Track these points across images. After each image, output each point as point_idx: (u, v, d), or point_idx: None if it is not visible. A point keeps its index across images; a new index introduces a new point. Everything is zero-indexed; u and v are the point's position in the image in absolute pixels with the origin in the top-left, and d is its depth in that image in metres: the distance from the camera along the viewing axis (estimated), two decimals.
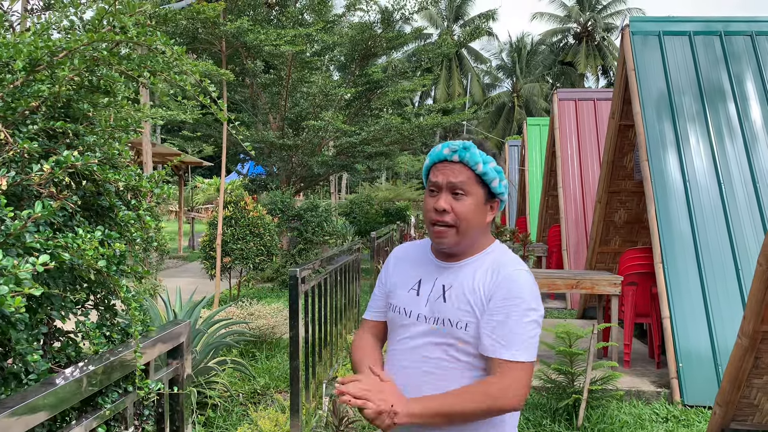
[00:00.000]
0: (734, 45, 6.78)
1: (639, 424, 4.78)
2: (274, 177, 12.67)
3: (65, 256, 1.37)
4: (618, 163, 7.78)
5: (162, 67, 1.64)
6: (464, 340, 1.65)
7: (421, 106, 14.76)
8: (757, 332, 3.87)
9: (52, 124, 1.55)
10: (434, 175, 1.70)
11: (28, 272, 1.18)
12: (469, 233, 1.69)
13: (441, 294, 1.70)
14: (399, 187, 28.47)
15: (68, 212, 1.64)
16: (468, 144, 1.68)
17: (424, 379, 1.67)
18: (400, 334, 1.75)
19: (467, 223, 1.68)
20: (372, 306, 1.94)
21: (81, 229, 1.47)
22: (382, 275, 1.91)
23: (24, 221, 1.29)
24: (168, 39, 1.61)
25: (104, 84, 1.68)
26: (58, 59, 1.54)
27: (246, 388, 5.07)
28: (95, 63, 1.62)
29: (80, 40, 1.53)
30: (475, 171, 1.67)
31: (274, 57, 10.54)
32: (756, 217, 5.81)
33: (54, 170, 1.42)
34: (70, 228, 1.67)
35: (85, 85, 1.66)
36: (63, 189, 1.56)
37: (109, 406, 1.75)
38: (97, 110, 1.72)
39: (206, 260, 8.94)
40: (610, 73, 49.02)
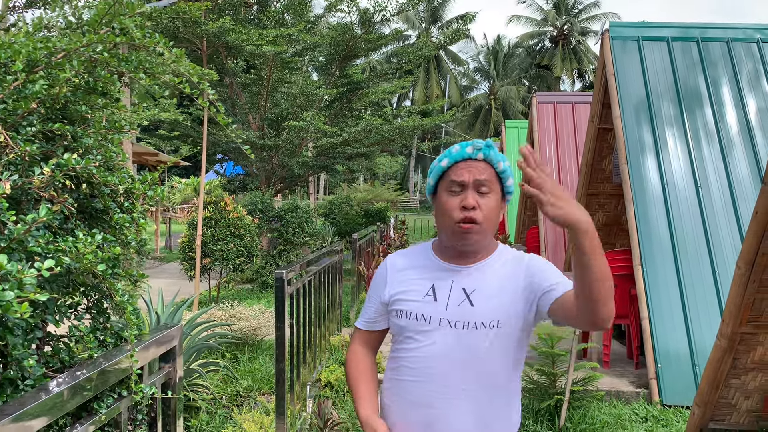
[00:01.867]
0: (711, 51, 6.91)
1: (619, 424, 4.85)
2: (254, 177, 12.60)
3: (66, 261, 1.35)
4: (597, 166, 7.88)
5: (161, 70, 1.63)
6: (496, 342, 1.69)
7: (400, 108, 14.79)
8: (736, 334, 3.95)
9: (51, 126, 1.53)
10: (458, 174, 1.69)
11: (33, 277, 1.17)
12: (490, 231, 1.73)
13: (465, 298, 1.72)
14: (377, 188, 28.50)
15: (63, 215, 1.62)
16: (489, 142, 1.71)
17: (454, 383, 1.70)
18: (422, 340, 1.74)
19: (491, 221, 1.71)
20: (365, 316, 1.93)
21: (80, 233, 1.45)
22: (379, 285, 1.89)
23: (28, 225, 1.27)
24: (167, 41, 1.60)
25: (101, 85, 1.66)
26: (56, 60, 1.52)
27: (229, 391, 5.04)
28: (93, 64, 1.60)
29: (79, 41, 1.51)
30: (497, 169, 1.71)
31: (255, 57, 10.48)
32: (732, 220, 5.93)
33: (55, 173, 1.40)
34: (65, 231, 1.65)
35: (82, 87, 1.64)
36: (60, 192, 1.54)
37: (104, 411, 1.73)
38: (94, 112, 1.70)
39: (185, 261, 8.85)
40: (585, 77, 49.62)
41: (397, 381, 1.80)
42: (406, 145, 14.50)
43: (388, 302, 1.84)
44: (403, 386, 1.78)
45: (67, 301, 1.85)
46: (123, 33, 1.54)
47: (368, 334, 1.94)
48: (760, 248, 3.65)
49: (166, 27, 8.69)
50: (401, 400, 1.77)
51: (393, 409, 1.79)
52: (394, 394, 1.80)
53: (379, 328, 1.91)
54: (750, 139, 6.34)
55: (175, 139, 13.75)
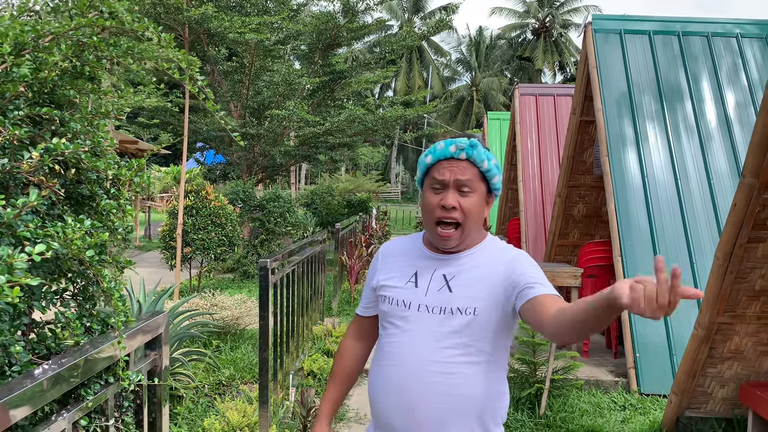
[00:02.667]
0: (691, 45, 6.99)
1: (598, 412, 4.93)
2: (235, 166, 12.51)
3: (55, 246, 1.34)
4: (578, 158, 7.95)
5: (150, 55, 1.61)
6: (474, 326, 1.70)
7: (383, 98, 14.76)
8: (713, 324, 4.03)
9: (38, 110, 1.51)
10: (440, 173, 1.71)
11: (24, 262, 1.16)
12: (471, 229, 1.75)
13: (444, 284, 1.74)
14: (359, 178, 28.47)
15: (50, 201, 1.60)
16: (474, 142, 1.72)
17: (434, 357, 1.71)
18: (401, 326, 1.77)
19: (471, 219, 1.73)
20: (363, 302, 2.00)
21: (69, 218, 1.44)
22: (372, 271, 1.95)
23: (19, 209, 1.26)
24: (156, 26, 1.59)
25: (89, 70, 1.64)
26: (44, 43, 1.50)
27: (211, 380, 5.03)
28: (81, 48, 1.58)
29: (68, 25, 1.49)
30: (480, 168, 1.72)
31: (238, 44, 10.39)
32: (710, 212, 6.03)
33: (44, 158, 1.39)
34: (51, 217, 1.63)
35: (69, 71, 1.61)
36: (49, 177, 1.52)
37: (91, 397, 1.73)
38: (81, 96, 1.68)
39: (166, 250, 8.78)
40: (566, 69, 49.87)
41: (380, 366, 1.83)
42: (389, 136, 14.48)
43: (376, 287, 1.88)
44: (386, 371, 1.80)
45: (53, 287, 1.84)
46: (112, 17, 1.53)
47: (364, 320, 2.00)
48: (737, 240, 3.73)
49: (148, 13, 8.57)
50: (384, 384, 1.79)
51: (377, 394, 1.82)
52: (378, 379, 1.83)
53: (373, 313, 1.96)
54: (728, 132, 6.44)
55: (155, 127, 13.59)
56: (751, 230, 3.69)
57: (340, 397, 1.98)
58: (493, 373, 1.75)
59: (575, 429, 4.59)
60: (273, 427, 3.93)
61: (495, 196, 1.79)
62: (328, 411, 1.96)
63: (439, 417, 1.70)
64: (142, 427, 2.09)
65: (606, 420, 4.75)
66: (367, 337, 2.00)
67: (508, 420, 4.68)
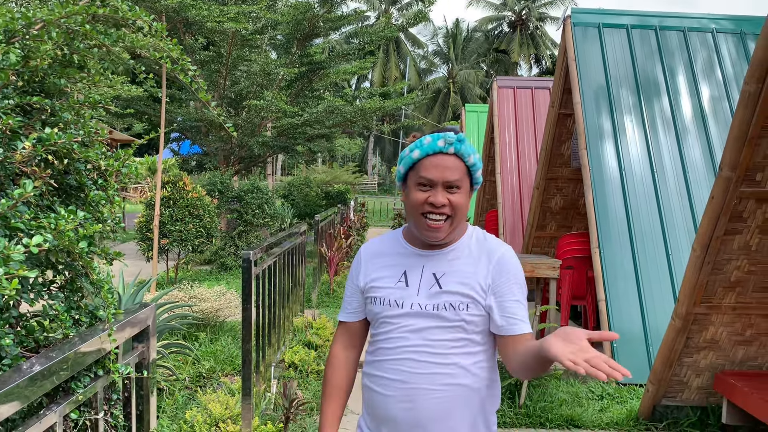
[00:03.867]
0: (668, 40, 7.08)
1: (576, 401, 5.00)
2: (212, 157, 12.39)
3: (48, 237, 1.32)
4: (556, 151, 8.02)
5: (141, 44, 1.59)
6: (467, 320, 1.73)
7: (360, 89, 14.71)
8: (690, 314, 4.11)
9: (29, 100, 1.48)
10: (428, 171, 1.71)
11: (20, 254, 1.14)
12: (458, 222, 1.77)
13: (435, 282, 1.77)
14: (336, 170, 28.39)
15: (39, 192, 1.57)
16: (461, 136, 1.72)
17: (426, 359, 1.74)
18: (394, 325, 1.77)
19: (461, 213, 1.75)
20: (346, 308, 1.95)
21: (62, 210, 1.41)
22: (353, 275, 1.92)
23: (15, 201, 1.23)
24: (149, 15, 1.56)
25: (79, 59, 1.61)
26: (34, 31, 1.47)
27: (191, 372, 5.00)
28: (71, 36, 1.55)
29: (59, 12, 1.46)
30: (467, 163, 1.74)
31: (215, 34, 10.27)
32: (685, 205, 6.14)
33: (36, 148, 1.36)
34: (40, 208, 1.60)
35: (59, 60, 1.58)
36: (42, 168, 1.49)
37: (81, 390, 1.71)
38: (72, 86, 1.65)
39: (143, 242, 8.68)
40: (542, 62, 50.20)
41: (375, 362, 1.84)
42: (367, 127, 14.46)
43: (363, 289, 1.87)
44: (381, 365, 1.81)
45: (40, 279, 1.81)
46: (104, 4, 1.50)
47: (352, 326, 1.95)
48: (714, 232, 3.80)
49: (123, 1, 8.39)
50: (382, 379, 1.80)
51: (375, 388, 1.82)
52: (375, 373, 1.83)
53: (362, 317, 1.93)
54: (704, 126, 6.55)
55: (129, 117, 13.39)
56: (727, 222, 3.77)
57: (340, 413, 1.94)
58: (488, 361, 1.78)
59: (555, 418, 4.66)
60: (256, 418, 3.92)
61: (474, 189, 1.81)
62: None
63: (442, 407, 1.72)
64: (130, 420, 2.08)
65: (584, 409, 4.82)
66: (357, 344, 1.97)
67: None
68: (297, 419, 4.24)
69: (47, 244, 1.22)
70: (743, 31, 7.09)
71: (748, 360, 4.33)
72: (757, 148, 3.52)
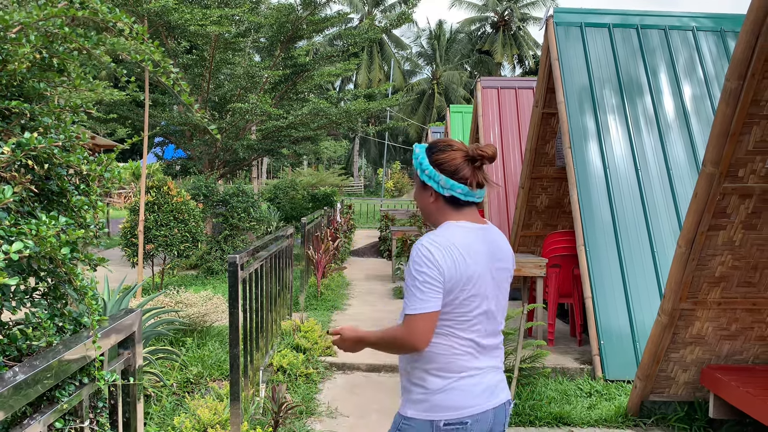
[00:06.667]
0: (650, 38, 7.14)
1: (565, 399, 5.02)
2: (196, 161, 12.31)
3: (29, 244, 1.29)
4: (540, 150, 8.06)
5: (122, 47, 1.57)
6: None
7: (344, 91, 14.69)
8: (676, 310, 4.14)
9: (7, 104, 1.46)
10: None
11: (0, 261, 1.11)
12: (425, 219, 2.24)
13: None
14: (321, 172, 28.33)
15: (19, 198, 1.54)
16: (415, 146, 2.18)
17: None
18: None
19: (421, 209, 2.22)
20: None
21: (43, 215, 1.39)
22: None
23: None
24: (129, 17, 1.55)
25: (59, 62, 1.58)
26: (11, 34, 1.44)
27: (178, 378, 4.95)
28: (50, 39, 1.52)
29: (37, 14, 1.44)
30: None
31: (198, 37, 10.21)
32: (669, 202, 6.19)
33: (16, 153, 1.34)
34: (20, 214, 1.58)
35: (37, 63, 1.56)
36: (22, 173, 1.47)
37: (66, 399, 1.68)
38: (52, 90, 1.62)
39: (127, 247, 8.60)
40: (525, 62, 50.44)
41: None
42: (352, 129, 14.44)
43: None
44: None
45: (22, 287, 1.78)
46: (83, 6, 1.48)
47: None
48: (699, 228, 3.83)
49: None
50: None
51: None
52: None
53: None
54: (686, 124, 6.61)
55: (112, 122, 13.27)
56: (711, 218, 3.80)
57: None
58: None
59: (544, 416, 4.67)
60: (245, 423, 3.90)
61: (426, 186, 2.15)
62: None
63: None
64: (116, 428, 2.05)
65: (573, 407, 4.84)
66: None
67: None
68: (286, 423, 4.22)
69: (28, 251, 1.20)
70: (723, 29, 7.17)
71: (733, 354, 4.37)
72: (739, 144, 3.56)
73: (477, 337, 2.09)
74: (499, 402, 2.12)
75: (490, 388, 2.10)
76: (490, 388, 2.10)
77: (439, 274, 1.98)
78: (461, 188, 2.06)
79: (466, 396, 2.06)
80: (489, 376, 2.12)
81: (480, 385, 2.08)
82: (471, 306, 2.05)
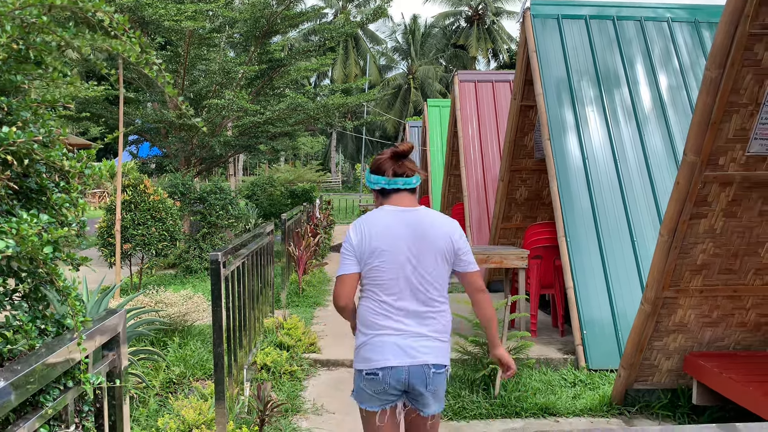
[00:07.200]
0: (626, 30, 7.19)
1: (550, 389, 5.04)
2: (172, 158, 12.14)
3: (10, 243, 1.24)
4: (519, 143, 8.08)
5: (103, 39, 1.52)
6: None
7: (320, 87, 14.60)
8: (659, 298, 4.17)
9: None
10: None
11: None
12: None
13: None
14: (299, 168, 28.15)
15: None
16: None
17: None
18: None
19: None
20: None
21: (24, 214, 1.33)
22: None
23: None
24: (110, 6, 1.49)
25: (36, 54, 1.52)
26: None
27: (161, 378, 4.87)
28: (26, 30, 1.46)
29: (13, 4, 1.37)
30: None
31: (172, 33, 10.05)
32: (648, 192, 6.24)
33: None
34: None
35: (14, 55, 1.50)
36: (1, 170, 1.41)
37: (50, 404, 1.63)
38: (29, 83, 1.56)
39: (104, 247, 8.46)
40: (500, 56, 50.62)
41: None
42: (330, 124, 14.35)
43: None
44: None
45: (1, 289, 1.72)
46: None
47: None
48: (681, 216, 3.86)
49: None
50: None
51: None
52: None
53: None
54: (663, 115, 6.66)
55: (85, 120, 13.03)
56: (693, 207, 3.83)
57: None
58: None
59: (529, 407, 4.68)
60: (230, 423, 3.84)
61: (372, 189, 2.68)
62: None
63: None
64: (102, 431, 2.00)
65: (558, 397, 4.86)
66: None
67: (464, 402, 4.72)
68: (272, 421, 4.17)
69: (10, 250, 1.15)
70: (697, 19, 7.24)
71: (715, 341, 4.42)
72: (719, 133, 3.59)
73: (392, 300, 2.48)
74: (416, 363, 2.43)
75: (405, 348, 2.44)
76: (405, 348, 2.44)
77: (351, 246, 2.54)
78: (383, 179, 2.59)
79: (377, 351, 2.46)
80: (408, 339, 2.46)
81: (392, 344, 2.45)
82: (381, 272, 2.49)
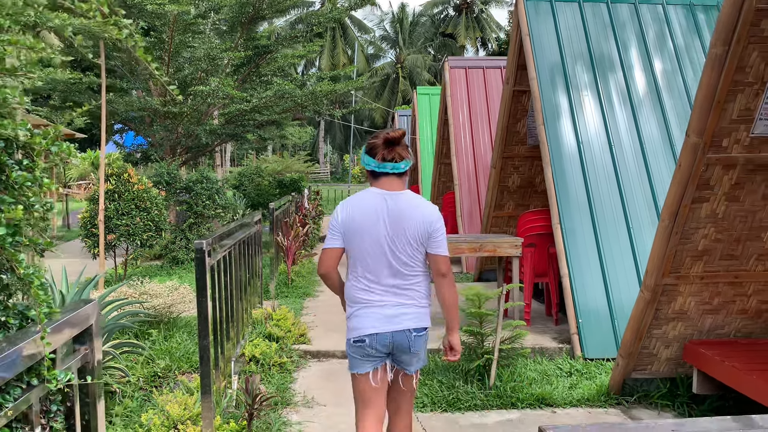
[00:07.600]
0: (620, 13, 7.05)
1: (546, 379, 4.93)
2: (158, 148, 11.90)
3: None
4: (512, 129, 7.94)
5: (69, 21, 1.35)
6: None
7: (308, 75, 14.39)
8: (659, 285, 4.05)
9: None
10: None
11: None
12: None
13: None
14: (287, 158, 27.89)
15: None
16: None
17: None
18: None
19: None
20: None
21: None
22: None
23: None
24: None
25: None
26: None
27: (145, 372, 4.71)
28: None
29: None
30: None
31: (156, 18, 9.80)
32: (644, 178, 6.12)
33: None
34: None
35: None
36: None
37: (11, 404, 1.46)
38: None
39: (88, 238, 8.24)
40: (488, 45, 50.42)
41: None
42: (318, 112, 14.14)
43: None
44: None
45: None
46: None
47: None
48: (682, 200, 3.74)
49: None
50: None
51: None
52: None
53: None
54: (658, 99, 6.54)
55: (68, 109, 12.75)
56: (695, 190, 3.71)
57: None
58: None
59: (525, 398, 4.57)
60: (217, 417, 3.69)
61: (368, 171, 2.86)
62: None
63: None
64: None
65: (554, 387, 4.76)
66: None
67: (458, 393, 4.60)
68: (261, 415, 4.02)
69: None
70: (692, 2, 7.11)
71: (715, 329, 4.32)
72: (723, 113, 3.46)
73: (371, 275, 2.78)
74: (399, 328, 2.75)
75: (388, 317, 2.76)
76: (388, 317, 2.76)
77: (337, 223, 2.82)
78: (374, 162, 2.78)
79: (363, 321, 2.78)
80: (390, 309, 2.76)
81: (375, 314, 2.76)
82: (361, 250, 2.77)
